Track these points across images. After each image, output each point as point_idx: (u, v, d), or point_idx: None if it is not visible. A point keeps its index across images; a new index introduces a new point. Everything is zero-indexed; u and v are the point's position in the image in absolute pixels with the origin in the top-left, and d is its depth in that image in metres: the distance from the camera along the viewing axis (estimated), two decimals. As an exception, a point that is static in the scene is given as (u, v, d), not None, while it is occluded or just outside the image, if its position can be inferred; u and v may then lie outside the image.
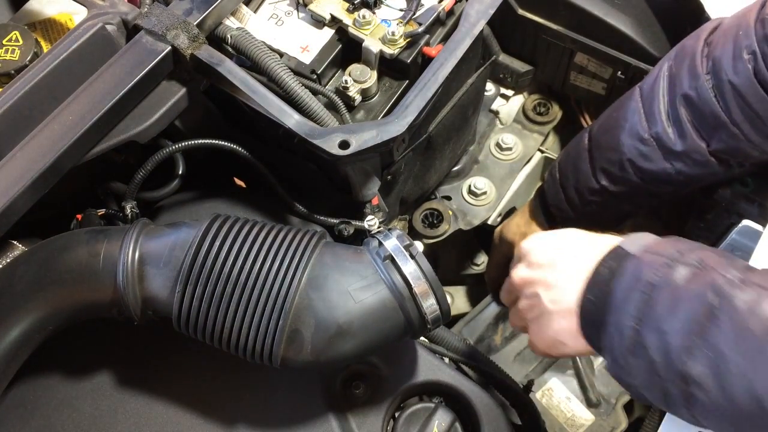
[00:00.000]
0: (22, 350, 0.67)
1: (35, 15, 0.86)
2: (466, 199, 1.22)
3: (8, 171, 0.71)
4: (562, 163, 1.00)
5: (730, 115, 0.78)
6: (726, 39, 0.78)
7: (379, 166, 0.88)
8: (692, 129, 0.81)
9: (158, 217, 0.90)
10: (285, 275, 0.65)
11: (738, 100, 0.77)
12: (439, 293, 0.67)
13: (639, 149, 0.86)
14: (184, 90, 0.81)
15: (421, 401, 0.79)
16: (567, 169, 0.98)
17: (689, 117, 0.81)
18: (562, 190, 0.98)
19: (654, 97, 0.84)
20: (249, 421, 0.75)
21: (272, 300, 0.65)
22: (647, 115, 0.85)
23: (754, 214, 0.88)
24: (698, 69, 0.80)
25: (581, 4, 1.09)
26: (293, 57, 0.86)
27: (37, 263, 0.69)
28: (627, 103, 0.89)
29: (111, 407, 0.75)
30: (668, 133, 0.83)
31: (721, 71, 0.77)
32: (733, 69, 0.76)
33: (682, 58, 0.83)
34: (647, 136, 0.84)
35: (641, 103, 0.86)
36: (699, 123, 0.81)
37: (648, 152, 0.85)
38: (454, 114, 1.03)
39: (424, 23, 0.85)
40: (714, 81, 0.78)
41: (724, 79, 0.77)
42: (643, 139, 0.85)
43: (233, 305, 0.65)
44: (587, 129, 0.96)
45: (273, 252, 0.67)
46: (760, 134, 0.78)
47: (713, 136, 0.80)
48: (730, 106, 0.77)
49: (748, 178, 0.89)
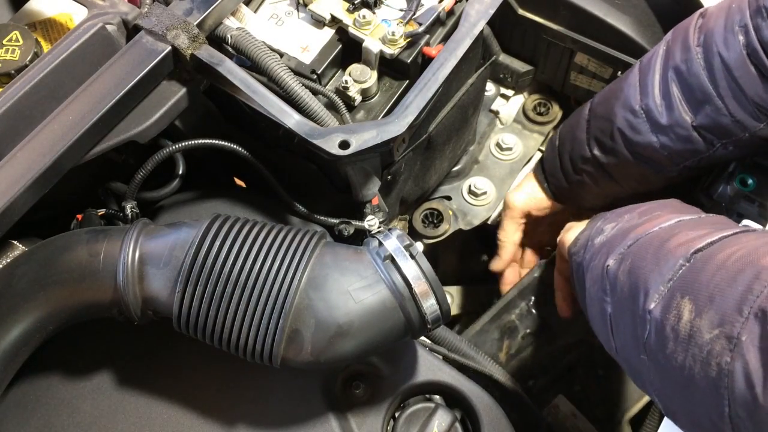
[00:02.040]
0: (23, 350, 0.67)
1: (35, 15, 0.86)
2: (466, 199, 1.22)
3: (8, 171, 0.71)
4: (563, 130, 1.02)
5: (717, 88, 0.78)
6: (719, 13, 0.80)
7: (379, 166, 0.88)
8: (679, 102, 0.82)
9: (158, 217, 0.90)
10: (285, 275, 0.65)
11: (726, 73, 0.77)
12: (439, 293, 0.67)
13: (629, 120, 0.87)
14: (184, 90, 0.81)
15: (421, 401, 0.79)
16: (565, 137, 1.00)
17: (678, 90, 0.82)
18: (558, 156, 1.01)
19: (649, 69, 0.86)
20: (249, 421, 0.75)
21: (272, 300, 0.65)
22: (641, 87, 0.86)
23: (754, 214, 0.88)
24: (690, 41, 0.81)
25: (581, 4, 1.09)
26: (293, 57, 0.86)
27: (37, 263, 0.68)
28: (627, 75, 0.91)
29: (111, 407, 0.75)
30: (657, 105, 0.84)
31: (712, 44, 0.78)
32: (724, 42, 0.77)
33: (677, 32, 0.85)
34: (638, 107, 0.86)
35: (638, 76, 0.88)
36: (687, 96, 0.81)
37: (637, 124, 0.87)
38: (454, 114, 1.03)
39: (424, 23, 0.85)
40: (704, 54, 0.79)
41: (714, 51, 0.78)
42: (634, 110, 0.87)
43: (233, 305, 0.65)
44: (590, 100, 0.98)
45: (273, 252, 0.67)
46: (745, 110, 0.78)
47: (699, 111, 0.81)
48: (717, 79, 0.78)
49: (748, 178, 0.89)
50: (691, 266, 0.58)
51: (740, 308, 0.49)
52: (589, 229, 0.83)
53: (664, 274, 0.59)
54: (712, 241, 0.59)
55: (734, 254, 0.54)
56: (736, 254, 0.54)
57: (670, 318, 0.55)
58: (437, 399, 0.80)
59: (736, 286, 0.51)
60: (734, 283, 0.51)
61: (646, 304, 0.59)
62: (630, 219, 0.76)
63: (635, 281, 0.63)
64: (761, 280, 0.49)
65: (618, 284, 0.67)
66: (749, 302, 0.49)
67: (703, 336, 0.51)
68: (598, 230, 0.79)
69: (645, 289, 0.61)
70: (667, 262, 0.60)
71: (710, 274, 0.54)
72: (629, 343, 0.63)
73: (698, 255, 0.58)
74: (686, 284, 0.56)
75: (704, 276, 0.55)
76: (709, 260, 0.56)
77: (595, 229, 0.81)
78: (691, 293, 0.55)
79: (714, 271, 0.54)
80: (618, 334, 0.67)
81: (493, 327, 1.06)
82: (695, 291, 0.54)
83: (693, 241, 0.60)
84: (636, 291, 0.62)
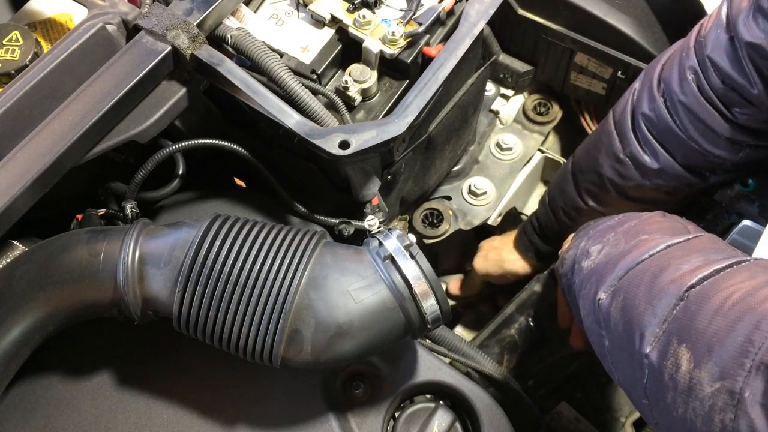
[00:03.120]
0: (23, 350, 0.67)
1: (35, 15, 0.86)
2: (466, 199, 1.22)
3: (8, 171, 0.71)
4: (551, 188, 1.05)
5: (686, 131, 0.81)
6: (672, 62, 0.82)
7: (379, 166, 0.88)
8: (660, 147, 0.84)
9: (158, 217, 0.90)
10: (285, 275, 0.65)
11: (690, 117, 0.80)
12: (440, 293, 0.67)
13: (616, 169, 0.89)
14: (184, 90, 0.81)
15: (421, 401, 0.79)
16: (555, 193, 1.03)
17: (653, 135, 0.84)
18: (551, 212, 1.03)
19: (624, 118, 0.88)
20: (249, 421, 0.75)
21: (272, 300, 0.65)
22: (620, 136, 0.88)
23: (754, 214, 0.88)
24: (654, 91, 0.83)
25: (581, 4, 1.09)
26: (293, 57, 0.86)
27: (37, 263, 0.68)
28: (603, 125, 0.93)
29: (111, 407, 0.75)
30: (641, 153, 0.86)
31: (671, 92, 0.81)
32: (680, 89, 0.80)
33: (644, 80, 0.87)
34: (622, 156, 0.88)
35: (614, 126, 0.90)
36: (662, 140, 0.84)
37: (625, 171, 0.89)
38: (454, 114, 1.03)
39: (424, 23, 0.85)
40: (666, 102, 0.82)
41: (675, 99, 0.80)
42: (619, 159, 0.88)
43: (233, 305, 0.65)
44: (572, 155, 1.01)
45: (273, 252, 0.66)
46: (717, 146, 0.80)
47: (678, 152, 0.83)
48: (684, 123, 0.80)
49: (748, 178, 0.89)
50: (685, 306, 0.56)
51: (741, 361, 0.47)
52: (574, 248, 0.82)
53: (658, 314, 0.58)
54: (704, 277, 0.57)
55: (730, 297, 0.53)
56: (733, 297, 0.52)
57: (668, 365, 0.54)
58: (437, 399, 0.80)
59: (735, 336, 0.49)
60: (733, 333, 0.49)
61: (642, 347, 0.57)
62: (616, 242, 0.74)
63: (629, 320, 0.62)
64: (761, 331, 0.47)
65: (612, 321, 0.65)
66: (750, 355, 0.47)
67: (704, 389, 0.50)
68: (584, 252, 0.78)
69: (640, 330, 0.59)
70: (660, 301, 0.58)
71: (707, 319, 0.52)
72: (630, 383, 0.62)
73: (692, 292, 0.56)
74: (682, 329, 0.54)
75: (700, 321, 0.53)
76: (704, 302, 0.54)
77: (580, 249, 0.80)
78: (688, 340, 0.53)
79: (710, 316, 0.52)
80: (618, 370, 0.66)
81: (492, 342, 1.05)
82: (692, 338, 0.53)
83: (685, 277, 0.59)
84: (631, 331, 0.60)
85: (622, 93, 0.92)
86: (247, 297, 0.65)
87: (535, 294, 1.07)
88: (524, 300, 1.08)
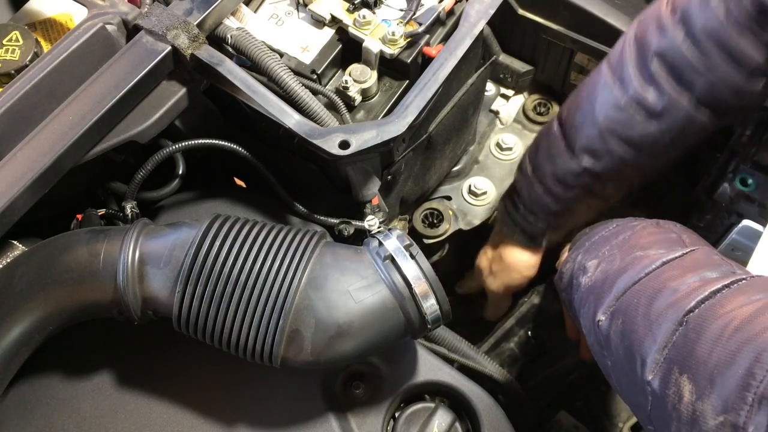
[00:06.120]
0: (23, 350, 0.67)
1: (35, 15, 0.86)
2: (466, 199, 1.22)
3: (8, 171, 0.71)
4: (532, 155, 0.97)
5: (709, 60, 0.76)
6: None
7: (379, 166, 0.88)
8: (670, 85, 0.79)
9: (158, 217, 0.90)
10: (285, 275, 0.65)
11: (714, 42, 0.75)
12: (440, 293, 0.67)
13: (617, 118, 0.84)
14: (184, 90, 0.81)
15: (421, 401, 0.79)
16: (541, 160, 0.95)
17: (665, 73, 0.79)
18: (538, 182, 0.95)
19: (623, 64, 0.83)
20: (249, 421, 0.75)
21: (272, 300, 0.65)
22: (620, 82, 0.83)
23: (754, 214, 0.88)
24: (665, 23, 0.78)
25: (581, 4, 1.09)
26: (293, 57, 0.86)
27: (37, 263, 0.68)
28: (594, 78, 0.87)
29: (111, 407, 0.75)
30: (646, 94, 0.81)
31: (691, 19, 0.76)
32: (704, 14, 0.75)
33: (646, 22, 0.82)
34: (623, 103, 0.83)
35: (611, 76, 0.84)
36: (677, 77, 0.79)
37: (627, 119, 0.83)
38: (454, 114, 1.03)
39: (425, 23, 0.85)
40: (686, 30, 0.77)
41: (696, 25, 0.76)
42: (620, 107, 0.83)
43: (233, 305, 0.65)
44: (553, 118, 0.94)
45: (273, 252, 0.67)
46: (742, 74, 0.76)
47: (693, 86, 0.78)
48: (707, 51, 0.76)
49: (748, 178, 0.89)
50: (685, 333, 0.56)
51: (743, 395, 0.47)
52: (571, 262, 0.81)
53: (658, 340, 0.57)
54: (701, 300, 0.57)
55: (729, 325, 0.53)
56: (732, 325, 0.52)
57: (670, 395, 0.54)
58: (437, 399, 0.80)
59: (736, 368, 0.49)
60: (734, 365, 0.49)
61: (645, 375, 0.57)
62: (611, 257, 0.72)
63: (629, 345, 0.61)
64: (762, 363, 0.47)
65: (612, 344, 0.65)
66: (752, 388, 0.47)
67: (708, 422, 0.50)
68: (581, 267, 0.77)
69: (641, 356, 0.59)
70: (660, 326, 0.58)
71: (707, 349, 0.52)
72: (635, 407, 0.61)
73: (690, 317, 0.56)
74: (682, 357, 0.54)
75: (701, 350, 0.53)
76: (703, 329, 0.54)
77: (577, 264, 0.78)
78: (689, 370, 0.53)
79: (710, 345, 0.52)
80: (623, 391, 0.65)
81: (492, 356, 1.05)
82: (693, 369, 0.53)
83: (682, 300, 0.58)
84: (632, 357, 0.60)
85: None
86: (247, 297, 0.65)
87: (533, 306, 1.07)
88: (524, 313, 1.08)
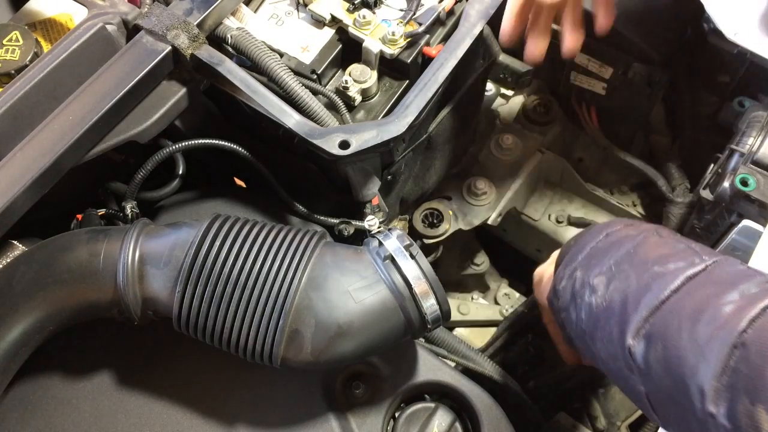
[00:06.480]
0: (23, 350, 0.67)
1: (35, 15, 0.86)
2: (466, 199, 1.22)
3: (8, 171, 0.71)
4: None
5: None
6: None
7: (379, 166, 0.88)
8: None
9: (158, 217, 0.90)
10: (285, 275, 0.65)
11: None
12: (440, 293, 0.67)
13: None
14: (184, 90, 0.81)
15: (421, 401, 0.79)
16: None
17: None
18: None
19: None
20: (249, 421, 0.75)
21: (272, 300, 0.65)
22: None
23: (754, 214, 0.88)
24: None
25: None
26: (293, 57, 0.86)
27: (37, 263, 0.69)
28: None
29: (111, 407, 0.75)
30: None
31: None
32: None
33: None
34: None
35: None
36: None
37: None
38: (454, 114, 1.03)
39: (425, 23, 0.85)
40: None
41: None
42: None
43: (233, 305, 0.65)
44: None
45: (273, 252, 0.67)
46: None
47: None
48: None
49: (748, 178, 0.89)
50: (745, 357, 0.52)
51: None
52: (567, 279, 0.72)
53: (712, 366, 0.54)
54: (752, 318, 0.54)
55: None
56: None
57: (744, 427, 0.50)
58: (437, 399, 0.80)
59: None
60: None
61: (706, 406, 0.53)
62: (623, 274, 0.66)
63: (680, 375, 0.56)
64: None
65: (654, 372, 0.59)
66: None
67: None
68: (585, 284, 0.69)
69: (698, 386, 0.54)
70: (712, 351, 0.54)
71: None
72: None
73: (746, 338, 0.53)
74: (750, 384, 0.51)
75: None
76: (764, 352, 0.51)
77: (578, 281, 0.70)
78: (763, 400, 0.50)
79: None
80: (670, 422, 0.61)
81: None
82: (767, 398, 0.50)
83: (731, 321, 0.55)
84: (684, 386, 0.56)
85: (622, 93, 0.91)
86: (247, 297, 0.65)
87: (532, 317, 1.07)
88: (521, 323, 1.08)
